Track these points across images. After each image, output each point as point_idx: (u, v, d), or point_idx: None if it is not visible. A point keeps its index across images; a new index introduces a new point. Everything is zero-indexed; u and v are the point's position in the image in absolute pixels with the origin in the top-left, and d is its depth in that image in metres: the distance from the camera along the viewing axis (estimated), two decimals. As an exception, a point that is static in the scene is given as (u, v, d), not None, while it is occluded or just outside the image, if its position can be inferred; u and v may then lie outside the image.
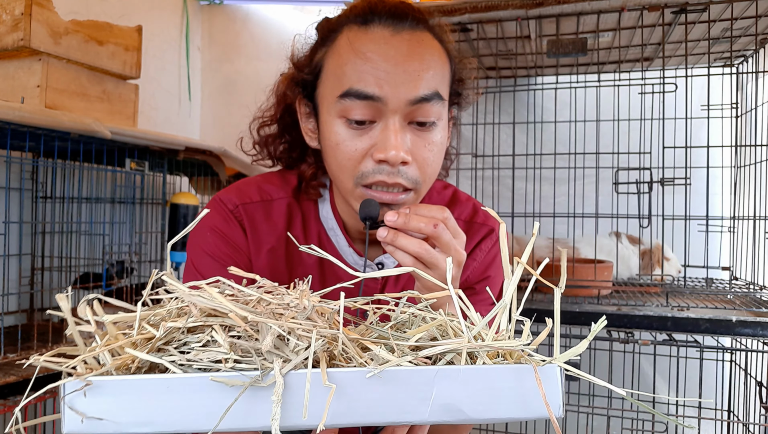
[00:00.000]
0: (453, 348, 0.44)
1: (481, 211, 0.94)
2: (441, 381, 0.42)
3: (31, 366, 1.21)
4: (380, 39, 0.74)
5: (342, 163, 0.76)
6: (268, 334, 0.41)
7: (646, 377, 1.80)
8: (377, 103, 0.72)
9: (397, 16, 0.76)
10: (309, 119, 0.84)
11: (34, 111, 1.16)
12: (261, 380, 0.40)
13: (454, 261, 0.68)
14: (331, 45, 0.78)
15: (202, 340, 0.43)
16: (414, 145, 0.75)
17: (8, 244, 1.43)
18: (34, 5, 1.26)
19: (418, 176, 0.76)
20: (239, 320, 0.41)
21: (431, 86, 0.74)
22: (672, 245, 1.68)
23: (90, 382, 0.40)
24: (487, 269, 0.91)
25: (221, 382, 0.40)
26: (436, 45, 0.77)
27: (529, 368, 0.42)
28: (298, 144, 0.89)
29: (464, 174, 1.87)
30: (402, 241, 0.66)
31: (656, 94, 1.49)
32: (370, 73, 0.72)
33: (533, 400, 0.42)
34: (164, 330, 0.43)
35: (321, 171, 0.87)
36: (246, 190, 0.87)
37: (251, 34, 2.38)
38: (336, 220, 0.87)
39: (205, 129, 2.38)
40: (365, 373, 0.42)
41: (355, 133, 0.74)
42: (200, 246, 0.83)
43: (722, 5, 1.38)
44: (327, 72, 0.78)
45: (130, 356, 0.42)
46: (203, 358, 0.41)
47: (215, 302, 0.43)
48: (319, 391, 0.41)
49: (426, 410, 0.42)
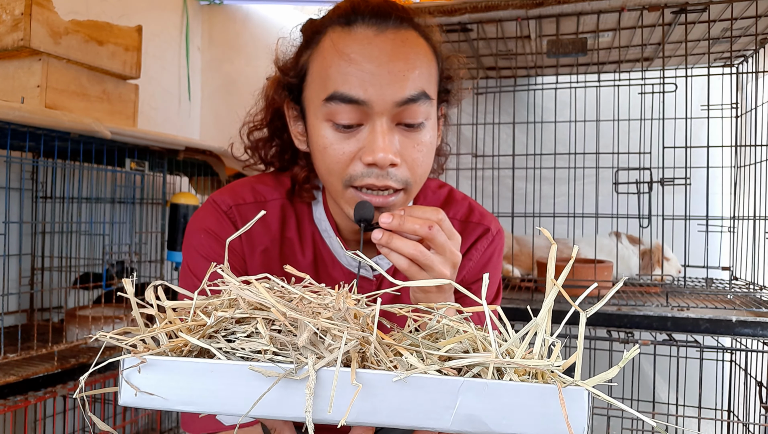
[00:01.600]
0: (480, 362, 0.45)
1: (476, 210, 0.93)
2: (466, 392, 0.43)
3: (34, 363, 1.20)
4: (364, 39, 0.73)
5: (330, 166, 0.75)
6: (305, 331, 0.44)
7: (646, 377, 1.80)
8: (363, 107, 0.72)
9: (381, 15, 0.75)
10: (297, 122, 0.83)
11: (34, 111, 1.16)
12: (295, 373, 0.43)
13: (449, 263, 0.68)
14: (315, 47, 0.77)
15: (247, 331, 0.47)
16: (403, 146, 0.74)
17: (8, 244, 1.43)
18: (34, 5, 1.26)
19: (408, 176, 0.75)
20: (279, 315, 0.45)
21: (417, 86, 0.73)
22: (672, 245, 1.68)
23: (145, 360, 0.44)
24: (483, 269, 0.90)
25: (259, 372, 0.43)
26: (421, 43, 0.76)
27: (555, 388, 0.42)
28: (289, 147, 0.88)
29: (464, 174, 1.87)
30: (397, 243, 0.66)
31: (656, 95, 1.49)
32: (355, 76, 0.71)
33: (557, 421, 0.42)
34: (215, 319, 0.47)
35: (313, 174, 0.87)
36: (239, 191, 0.87)
37: (251, 34, 2.38)
38: (329, 222, 0.87)
39: (205, 129, 2.38)
40: (392, 376, 0.43)
41: (342, 136, 0.74)
42: (194, 248, 0.83)
43: (722, 5, 1.38)
44: (312, 75, 0.77)
45: (183, 340, 0.46)
46: (246, 348, 0.45)
47: (260, 297, 0.47)
48: (348, 389, 0.43)
49: (449, 418, 0.43)
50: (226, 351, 0.46)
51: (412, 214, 0.67)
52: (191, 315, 0.49)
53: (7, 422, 1.45)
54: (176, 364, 0.44)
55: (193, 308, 0.49)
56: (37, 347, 1.29)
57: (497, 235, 0.92)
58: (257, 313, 0.47)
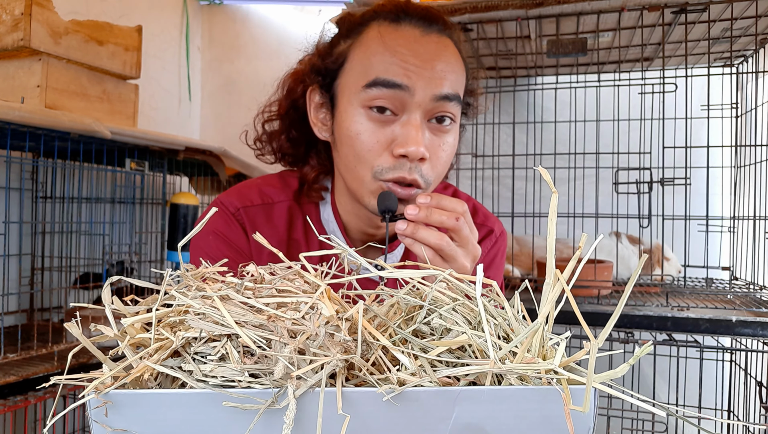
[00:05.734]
0: (477, 371, 0.42)
1: (480, 211, 0.94)
2: (463, 401, 0.41)
3: (34, 363, 1.20)
4: (410, 37, 0.76)
5: (361, 154, 0.76)
6: (279, 362, 0.41)
7: (646, 377, 1.80)
8: (403, 94, 0.73)
9: (428, 20, 0.78)
10: (321, 109, 0.83)
11: (34, 111, 1.16)
12: (276, 402, 0.40)
13: (471, 256, 0.69)
14: (358, 38, 0.79)
15: (217, 350, 0.43)
16: (430, 143, 0.76)
17: (8, 244, 1.43)
18: (34, 5, 1.26)
19: (431, 174, 0.77)
20: (249, 341, 0.41)
21: (454, 87, 0.76)
22: (672, 245, 1.68)
23: (109, 401, 0.42)
24: (486, 271, 0.91)
25: (235, 406, 0.40)
26: (458, 54, 0.80)
27: (555, 390, 0.40)
28: (304, 141, 0.89)
29: (464, 174, 1.87)
30: (422, 233, 0.66)
31: (656, 94, 1.49)
32: (399, 65, 0.74)
33: (561, 423, 0.40)
34: (180, 340, 0.43)
35: (323, 174, 0.87)
36: (247, 193, 0.87)
37: (251, 34, 2.38)
38: (337, 222, 0.87)
39: (205, 129, 2.38)
40: (383, 395, 0.40)
41: (376, 126, 0.75)
42: (203, 250, 0.83)
43: (722, 5, 1.38)
44: (352, 62, 0.78)
45: (147, 367, 0.43)
46: (218, 375, 0.42)
47: (226, 323, 0.43)
48: (334, 411, 0.40)
49: (446, 429, 0.41)
50: (199, 379, 0.42)
51: (440, 203, 0.68)
52: (153, 336, 0.44)
53: (7, 422, 1.45)
54: (144, 397, 0.41)
55: (153, 330, 0.45)
56: (37, 347, 1.29)
57: (501, 236, 0.93)
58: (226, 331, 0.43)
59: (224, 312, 0.43)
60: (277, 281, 0.49)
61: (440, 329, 0.48)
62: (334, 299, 0.49)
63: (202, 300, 0.45)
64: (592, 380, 0.40)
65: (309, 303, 0.45)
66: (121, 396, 0.42)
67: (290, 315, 0.44)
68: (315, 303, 0.45)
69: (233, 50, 2.39)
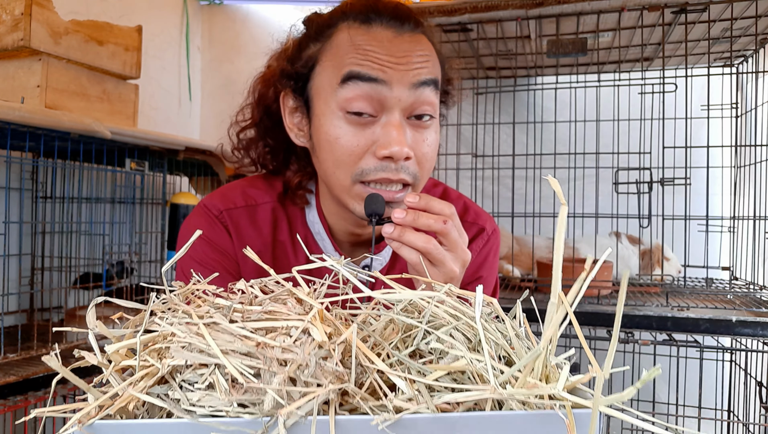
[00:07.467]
0: (476, 398, 0.40)
1: (471, 210, 0.92)
2: (462, 428, 0.39)
3: (34, 363, 1.19)
4: (383, 38, 0.74)
5: (340, 158, 0.74)
6: (267, 394, 0.39)
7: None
8: (381, 88, 0.72)
9: (399, 19, 0.76)
10: (296, 113, 0.82)
11: (34, 111, 1.16)
12: (266, 433, 0.39)
13: (460, 261, 0.68)
14: (328, 40, 0.77)
15: (205, 376, 0.41)
16: (413, 141, 0.75)
17: (8, 244, 1.43)
18: (34, 5, 1.26)
19: (417, 171, 0.76)
20: (236, 373, 0.40)
21: (431, 73, 0.75)
22: (672, 245, 1.68)
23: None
24: (479, 270, 0.90)
25: None
26: (432, 47, 0.78)
27: (556, 414, 0.39)
28: (282, 147, 0.87)
29: (464, 174, 1.87)
30: (410, 237, 0.65)
31: (656, 94, 1.49)
32: (374, 61, 0.72)
33: None
34: (166, 368, 0.42)
35: (306, 178, 0.86)
36: (230, 195, 0.86)
37: (251, 34, 2.38)
38: (322, 224, 0.86)
39: (205, 129, 2.38)
40: (378, 423, 0.39)
41: (355, 129, 0.73)
42: (188, 254, 0.82)
43: (722, 5, 1.38)
44: (323, 64, 0.77)
45: (132, 396, 0.42)
46: (206, 405, 0.40)
47: (211, 352, 0.41)
48: None
49: None
50: (186, 409, 0.41)
51: (428, 204, 0.67)
52: (138, 364, 0.43)
53: (7, 422, 1.45)
54: (129, 428, 0.41)
55: (138, 357, 0.43)
56: (37, 347, 1.29)
57: (492, 235, 0.91)
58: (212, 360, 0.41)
59: (210, 341, 0.41)
60: (267, 304, 0.47)
61: (438, 349, 0.46)
62: (328, 320, 0.47)
63: (188, 327, 0.44)
64: (598, 405, 0.38)
65: (300, 328, 0.43)
66: (106, 428, 0.41)
67: (280, 341, 0.42)
68: (307, 327, 0.43)
69: (233, 50, 2.39)
